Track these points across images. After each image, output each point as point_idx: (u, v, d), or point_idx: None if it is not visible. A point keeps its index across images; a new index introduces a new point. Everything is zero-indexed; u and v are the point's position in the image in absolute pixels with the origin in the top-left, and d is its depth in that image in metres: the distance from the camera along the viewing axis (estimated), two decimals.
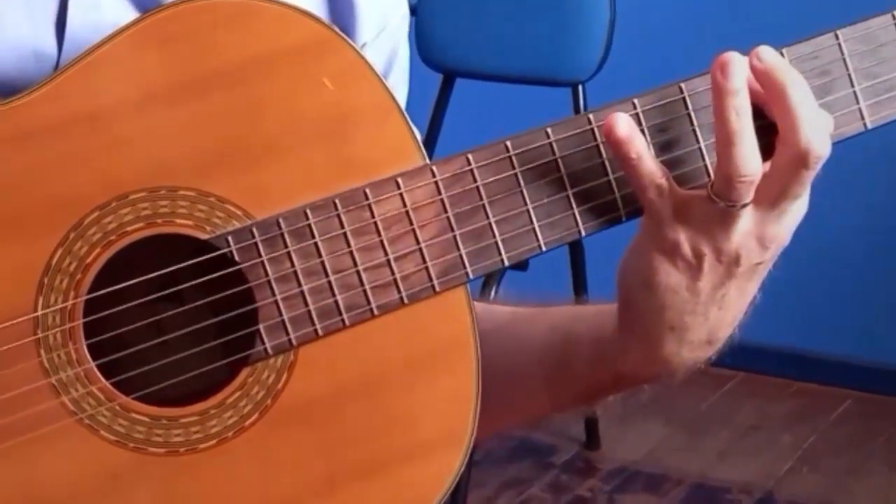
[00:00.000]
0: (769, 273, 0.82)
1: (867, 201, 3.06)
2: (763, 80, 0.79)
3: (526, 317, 0.93)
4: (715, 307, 0.83)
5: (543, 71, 2.60)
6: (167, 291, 0.80)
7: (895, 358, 3.14)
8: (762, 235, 0.81)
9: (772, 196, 0.79)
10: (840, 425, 3.06)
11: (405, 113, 0.82)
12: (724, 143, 0.78)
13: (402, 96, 0.96)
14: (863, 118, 0.82)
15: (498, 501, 2.76)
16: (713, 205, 0.79)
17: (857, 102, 0.82)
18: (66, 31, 0.83)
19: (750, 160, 0.78)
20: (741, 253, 0.80)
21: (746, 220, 0.80)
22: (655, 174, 0.79)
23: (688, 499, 2.78)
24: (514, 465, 2.88)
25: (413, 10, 2.74)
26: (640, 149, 0.79)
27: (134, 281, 0.79)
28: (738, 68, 0.78)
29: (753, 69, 0.79)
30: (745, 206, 0.79)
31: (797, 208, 0.81)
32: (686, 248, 0.80)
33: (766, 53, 0.79)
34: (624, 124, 0.79)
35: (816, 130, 0.78)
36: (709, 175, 0.81)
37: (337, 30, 0.82)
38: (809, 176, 0.78)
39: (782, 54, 0.81)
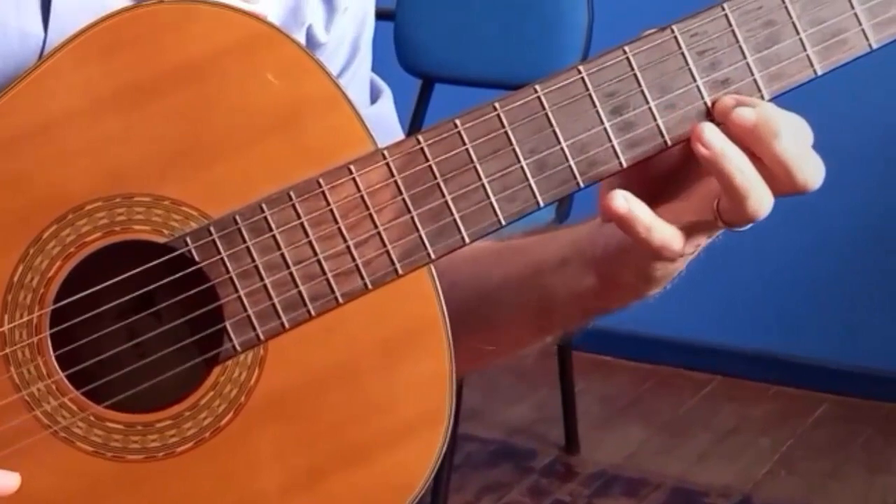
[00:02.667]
0: (750, 277, 0.85)
1: (845, 206, 3.07)
2: (750, 138, 0.79)
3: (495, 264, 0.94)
4: None
5: (522, 76, 2.59)
6: (130, 296, 0.80)
7: (872, 361, 3.15)
8: None
9: None
10: (818, 428, 3.07)
11: (353, 101, 0.82)
12: (739, 199, 0.79)
13: (368, 60, 0.99)
14: (812, 65, 0.83)
15: None
16: (720, 225, 0.81)
17: (805, 49, 0.83)
18: (51, 12, 0.84)
19: (766, 202, 0.79)
20: None
21: None
22: (668, 241, 0.80)
23: (667, 502, 2.79)
24: (494, 470, 2.88)
25: (392, 16, 2.74)
26: (647, 220, 0.80)
27: (95, 288, 0.79)
28: (713, 133, 0.79)
29: (737, 128, 0.80)
30: None
31: None
32: (689, 250, 0.82)
33: (743, 113, 0.80)
34: (620, 200, 0.80)
35: (811, 167, 0.79)
36: (662, 135, 0.82)
37: (277, 25, 0.83)
38: None
39: (723, 8, 0.82)
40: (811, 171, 0.79)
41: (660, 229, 0.80)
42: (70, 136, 0.79)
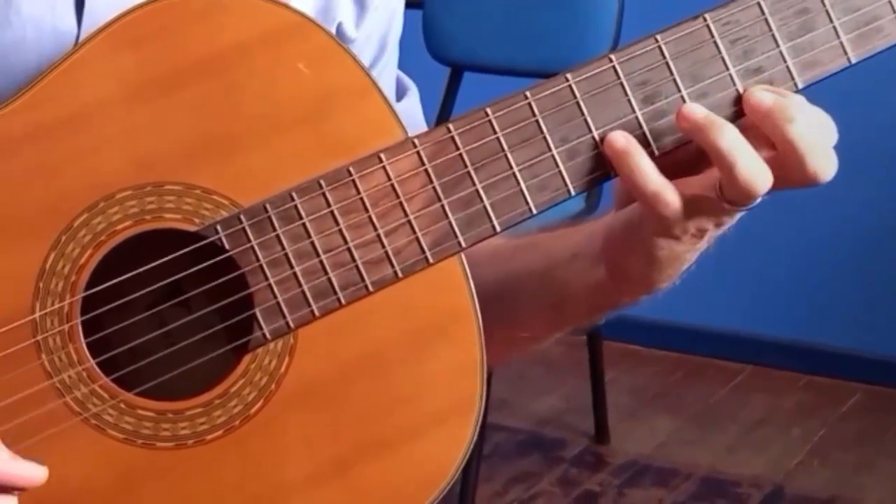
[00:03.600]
0: (781, 266, 0.83)
1: (874, 194, 3.06)
2: (765, 120, 0.79)
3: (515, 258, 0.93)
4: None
5: (552, 63, 2.58)
6: (162, 284, 0.80)
7: None
8: None
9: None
10: (849, 419, 3.05)
11: (383, 91, 0.82)
12: (727, 168, 0.79)
13: (395, 57, 0.99)
14: (846, 53, 0.82)
15: (507, 496, 2.76)
16: (724, 205, 0.80)
17: (838, 37, 0.82)
18: (84, 8, 0.84)
19: (759, 175, 0.79)
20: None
21: None
22: (662, 190, 0.80)
23: (697, 493, 2.78)
24: (524, 460, 2.88)
25: (420, 4, 2.74)
26: (643, 164, 0.80)
27: (126, 276, 0.79)
28: (693, 107, 0.80)
29: (753, 110, 0.80)
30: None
31: None
32: (693, 230, 0.82)
33: (761, 95, 0.80)
34: (620, 137, 0.80)
35: (823, 158, 0.79)
36: None
37: (308, 15, 0.82)
38: None
39: None
40: (823, 162, 0.79)
41: (654, 177, 0.80)
42: (100, 126, 0.80)
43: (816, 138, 0.79)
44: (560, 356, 3.09)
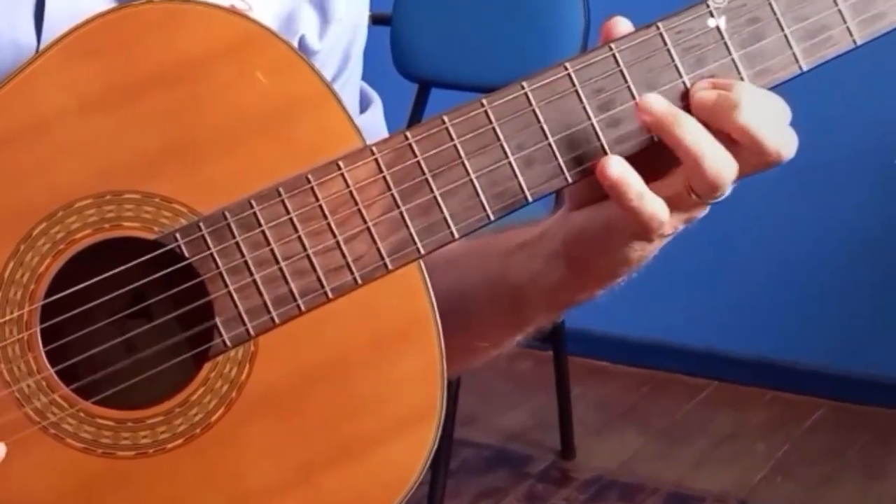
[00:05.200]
0: (746, 283, 0.83)
1: (840, 212, 3.08)
2: (712, 114, 0.80)
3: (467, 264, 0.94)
4: None
5: None
6: (120, 292, 0.80)
7: (869, 367, 3.15)
8: None
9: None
10: (814, 434, 3.07)
11: (342, 100, 0.83)
12: (694, 162, 0.79)
13: (358, 68, 1.00)
14: (797, 61, 0.83)
15: None
16: (693, 198, 0.81)
17: (790, 47, 0.83)
18: (44, 21, 0.84)
19: (725, 165, 0.79)
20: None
21: None
22: (658, 211, 0.80)
23: None
24: (490, 476, 2.88)
25: (388, 21, 2.75)
26: (639, 187, 0.80)
27: (85, 284, 0.79)
28: (654, 99, 0.81)
29: (700, 108, 0.80)
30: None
31: None
32: (668, 230, 0.83)
33: (701, 89, 0.81)
34: (615, 165, 0.80)
35: (779, 134, 0.80)
36: (649, 130, 0.82)
37: (265, 25, 0.83)
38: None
39: (707, 5, 0.82)
40: (780, 139, 0.80)
41: (650, 199, 0.80)
42: (59, 135, 0.80)
43: (767, 117, 0.80)
44: (527, 371, 3.10)
